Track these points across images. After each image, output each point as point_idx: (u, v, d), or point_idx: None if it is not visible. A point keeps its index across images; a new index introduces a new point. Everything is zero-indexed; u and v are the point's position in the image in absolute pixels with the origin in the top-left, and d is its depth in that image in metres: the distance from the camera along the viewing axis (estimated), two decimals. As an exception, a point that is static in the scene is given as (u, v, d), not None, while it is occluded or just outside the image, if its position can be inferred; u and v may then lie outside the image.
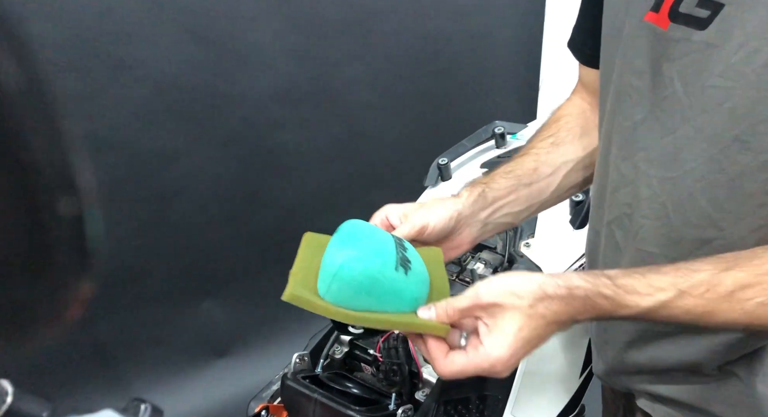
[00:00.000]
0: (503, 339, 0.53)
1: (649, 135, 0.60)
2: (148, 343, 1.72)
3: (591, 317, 0.55)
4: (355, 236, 0.60)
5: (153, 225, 1.63)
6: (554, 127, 0.78)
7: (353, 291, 0.56)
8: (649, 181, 0.60)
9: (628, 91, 0.62)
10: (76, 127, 0.95)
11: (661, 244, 0.61)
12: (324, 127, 1.81)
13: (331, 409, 0.72)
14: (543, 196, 0.75)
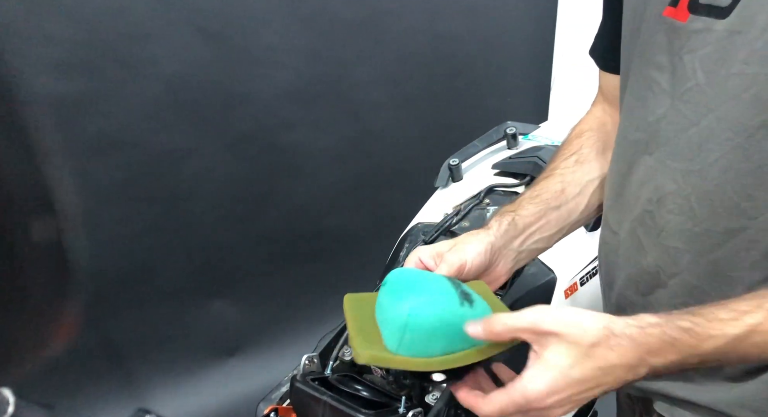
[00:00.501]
0: (545, 373, 0.50)
1: (671, 129, 0.59)
2: (158, 342, 1.72)
3: (669, 360, 0.50)
4: (408, 283, 0.58)
5: (164, 224, 1.63)
6: (576, 144, 0.78)
7: (426, 337, 0.54)
8: (674, 176, 0.59)
9: (650, 87, 0.61)
10: (88, 126, 0.95)
11: (687, 239, 0.60)
12: (335, 126, 1.80)
13: (341, 412, 0.71)
14: (573, 217, 0.74)
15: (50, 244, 0.22)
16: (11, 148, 0.19)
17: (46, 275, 0.23)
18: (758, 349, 0.51)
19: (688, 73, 0.57)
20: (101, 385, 1.65)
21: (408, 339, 0.54)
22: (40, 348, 0.25)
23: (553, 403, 0.50)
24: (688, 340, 0.50)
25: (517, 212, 0.71)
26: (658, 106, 0.60)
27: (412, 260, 0.68)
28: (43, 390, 1.56)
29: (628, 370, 0.50)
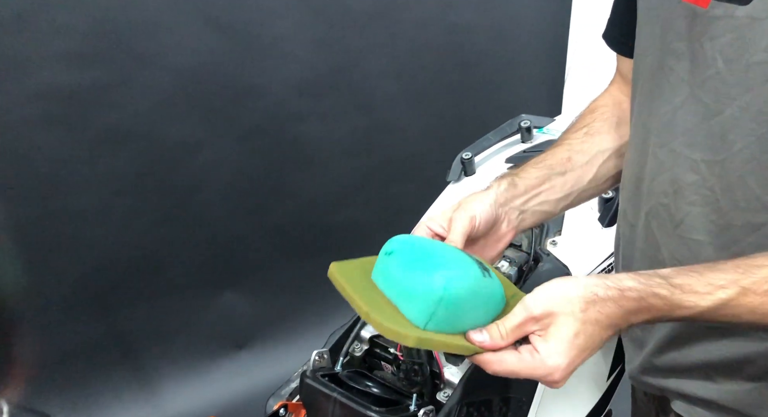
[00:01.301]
0: (560, 346, 0.52)
1: (690, 118, 0.57)
2: (169, 334, 1.73)
3: (646, 319, 0.53)
4: (424, 253, 0.56)
5: (175, 216, 1.63)
6: (588, 118, 0.77)
7: (461, 311, 0.53)
8: (695, 166, 0.58)
9: (667, 75, 0.59)
10: (99, 118, 0.94)
11: (709, 231, 0.58)
12: (346, 119, 1.79)
13: (351, 409, 0.70)
14: (580, 185, 0.73)
15: None
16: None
17: None
18: (726, 320, 0.53)
19: (708, 61, 0.55)
20: (112, 376, 1.66)
21: (441, 314, 0.52)
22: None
23: (568, 374, 0.53)
24: (663, 307, 0.52)
25: (518, 175, 0.71)
26: (676, 95, 0.59)
27: (421, 231, 0.67)
28: (54, 381, 1.58)
29: (614, 329, 0.53)
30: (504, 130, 1.23)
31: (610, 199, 0.99)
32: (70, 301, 1.55)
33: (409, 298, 0.54)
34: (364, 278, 0.58)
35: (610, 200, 0.99)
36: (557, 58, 2.16)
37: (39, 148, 1.40)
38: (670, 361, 0.67)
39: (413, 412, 0.72)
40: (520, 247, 0.94)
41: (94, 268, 1.56)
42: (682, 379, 0.66)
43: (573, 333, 0.52)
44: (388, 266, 0.57)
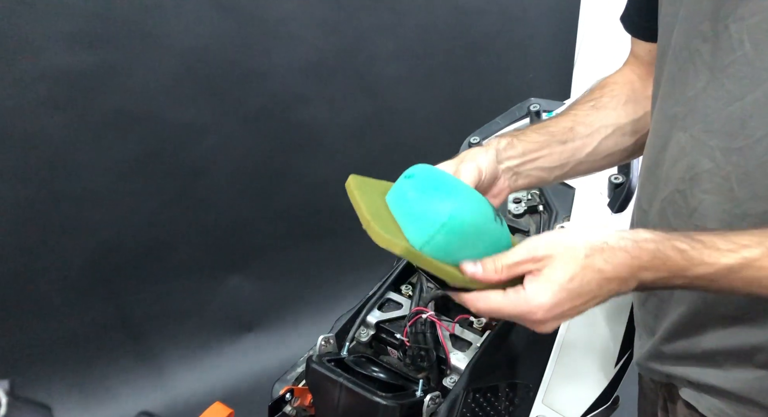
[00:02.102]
0: (548, 286, 0.50)
1: (711, 103, 0.56)
2: (176, 317, 1.74)
3: (658, 277, 0.51)
4: (443, 182, 0.56)
5: (181, 199, 1.63)
6: (597, 93, 0.75)
7: (459, 241, 0.53)
8: (711, 153, 0.56)
9: (692, 57, 0.57)
10: (104, 100, 0.93)
11: (723, 220, 0.57)
12: (352, 102, 1.78)
13: (357, 394, 0.70)
14: (578, 156, 0.72)
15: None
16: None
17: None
18: (745, 284, 0.51)
19: (734, 44, 0.53)
20: (119, 359, 1.67)
21: (440, 240, 0.52)
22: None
23: (552, 316, 0.51)
24: (680, 262, 0.50)
25: (518, 137, 0.70)
26: (698, 78, 0.57)
27: None
28: (62, 363, 1.59)
29: (620, 283, 0.51)
30: (513, 114, 1.21)
31: (620, 185, 0.98)
32: (77, 284, 1.55)
33: (413, 219, 0.53)
34: (378, 196, 0.58)
35: (621, 185, 0.98)
36: (567, 41, 2.13)
37: (44, 131, 1.39)
38: (679, 349, 0.66)
39: (420, 398, 0.72)
40: (527, 233, 0.93)
41: (101, 251, 1.56)
42: (691, 367, 0.65)
43: (568, 276, 0.50)
44: (404, 188, 0.57)
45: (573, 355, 0.87)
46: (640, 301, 0.73)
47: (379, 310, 0.85)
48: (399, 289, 0.88)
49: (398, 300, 0.86)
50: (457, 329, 0.81)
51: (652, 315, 0.69)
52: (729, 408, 0.63)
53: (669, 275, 0.51)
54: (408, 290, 0.87)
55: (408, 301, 0.86)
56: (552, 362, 0.85)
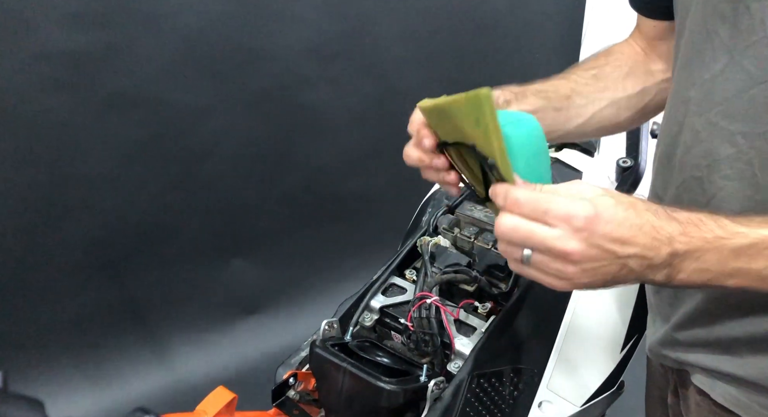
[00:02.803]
0: (593, 200, 0.47)
1: (730, 87, 0.54)
2: (180, 300, 1.74)
3: (695, 246, 0.48)
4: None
5: (184, 183, 1.62)
6: (602, 60, 0.74)
7: (529, 151, 0.54)
8: (732, 138, 0.55)
9: (711, 38, 0.56)
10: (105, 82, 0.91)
11: (744, 207, 0.55)
12: (356, 84, 1.76)
13: (361, 379, 0.70)
14: (568, 126, 0.71)
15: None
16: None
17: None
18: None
19: (755, 24, 0.51)
20: (124, 342, 1.68)
21: (520, 140, 0.53)
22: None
23: (592, 234, 0.46)
24: (715, 229, 0.49)
25: (518, 96, 0.69)
26: (716, 61, 0.55)
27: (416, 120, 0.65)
28: (67, 346, 1.60)
29: (653, 241, 0.47)
30: (519, 96, 1.19)
31: (628, 168, 0.96)
32: (81, 267, 1.56)
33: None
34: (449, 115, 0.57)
35: (629, 169, 0.96)
36: (574, 22, 2.09)
37: (45, 113, 1.38)
38: (693, 336, 0.65)
39: (423, 383, 0.71)
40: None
41: (105, 234, 1.56)
42: (705, 354, 0.65)
43: (613, 202, 0.47)
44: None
45: (578, 340, 0.86)
46: (654, 289, 0.72)
47: (383, 295, 0.84)
48: (403, 274, 0.87)
49: (402, 285, 0.85)
50: (461, 314, 0.80)
51: (667, 303, 0.69)
52: (743, 395, 0.63)
53: (703, 246, 0.48)
54: (412, 275, 0.87)
55: (412, 286, 0.85)
56: (557, 347, 0.84)
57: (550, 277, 0.49)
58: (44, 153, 1.42)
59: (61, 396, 1.59)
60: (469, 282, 0.81)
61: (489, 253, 0.86)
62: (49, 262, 1.51)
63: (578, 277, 0.48)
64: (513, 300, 0.79)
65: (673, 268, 0.49)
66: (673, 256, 0.49)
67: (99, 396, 1.63)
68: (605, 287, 0.50)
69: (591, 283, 0.49)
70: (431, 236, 0.89)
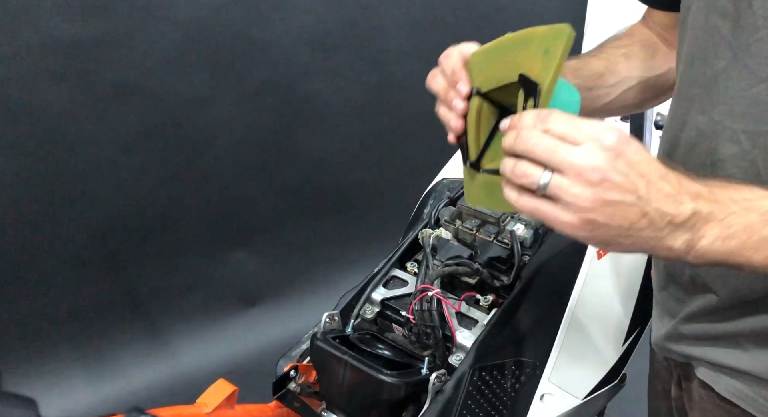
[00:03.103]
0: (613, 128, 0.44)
1: (733, 84, 0.53)
2: (181, 291, 1.74)
3: (715, 198, 0.46)
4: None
5: (184, 174, 1.62)
6: (627, 40, 0.74)
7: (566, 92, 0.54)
8: (735, 137, 0.54)
9: (711, 35, 0.55)
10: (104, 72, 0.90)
11: None
12: (357, 75, 1.74)
13: (362, 371, 0.70)
14: (596, 104, 0.71)
15: None
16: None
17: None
18: None
19: (757, 22, 0.50)
20: (126, 332, 1.68)
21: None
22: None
23: (617, 159, 0.43)
24: (744, 191, 0.46)
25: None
26: (718, 58, 0.54)
27: (453, 59, 0.63)
28: (67, 337, 1.60)
29: (677, 193, 0.45)
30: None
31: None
32: (81, 258, 1.55)
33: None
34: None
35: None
36: (576, 13, 2.07)
37: (44, 103, 1.37)
38: (699, 330, 0.65)
39: (425, 376, 0.71)
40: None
41: (105, 225, 1.55)
42: (711, 347, 0.64)
43: (636, 144, 0.44)
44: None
45: (581, 333, 0.86)
46: (661, 285, 0.71)
47: (384, 288, 0.84)
48: (404, 267, 0.87)
49: (404, 277, 0.85)
50: (463, 307, 0.80)
51: (674, 298, 0.68)
52: (748, 388, 0.62)
53: (729, 208, 0.45)
54: (413, 267, 0.86)
55: (413, 278, 0.84)
56: (559, 340, 0.84)
57: (563, 210, 0.44)
58: (44, 143, 1.41)
59: (61, 387, 1.59)
60: (470, 274, 0.81)
61: (491, 246, 0.85)
62: (49, 252, 1.51)
63: (595, 209, 0.43)
64: (515, 292, 0.79)
65: (695, 231, 0.45)
66: (697, 216, 0.45)
67: (99, 387, 1.63)
68: (617, 246, 0.46)
69: (605, 227, 0.44)
70: (433, 228, 0.88)
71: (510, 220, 0.89)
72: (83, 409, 1.55)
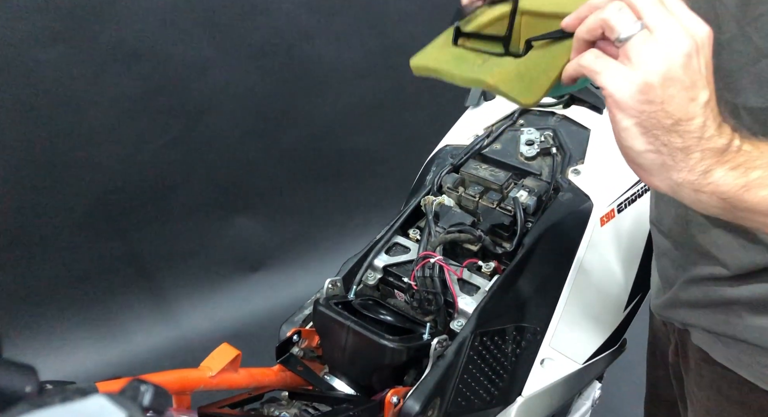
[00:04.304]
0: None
1: (736, 59, 0.52)
2: (183, 256, 1.75)
3: (733, 142, 0.44)
4: None
5: (185, 138, 1.61)
6: None
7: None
8: (735, 112, 0.53)
9: (714, 7, 0.53)
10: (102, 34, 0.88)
11: None
12: (358, 39, 1.71)
13: (364, 337, 0.70)
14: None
15: None
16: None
17: None
18: None
19: None
20: (129, 296, 1.70)
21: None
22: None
23: (700, 46, 0.42)
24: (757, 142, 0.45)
25: None
26: (722, 31, 0.52)
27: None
28: (72, 299, 1.61)
29: (719, 114, 0.44)
30: (527, 52, 1.16)
31: (637, 126, 0.94)
32: (83, 222, 1.56)
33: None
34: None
35: (638, 127, 0.94)
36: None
37: (43, 65, 1.35)
38: (697, 297, 0.65)
39: (427, 341, 0.72)
40: (540, 176, 0.91)
41: (106, 190, 1.55)
42: (708, 315, 0.65)
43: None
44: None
45: (582, 299, 0.86)
46: (660, 252, 0.71)
47: (386, 254, 0.84)
48: (407, 234, 0.87)
49: (406, 244, 0.85)
50: (465, 274, 0.80)
51: (675, 265, 0.68)
52: (743, 355, 0.63)
53: (763, 146, 0.44)
54: (416, 234, 0.86)
55: (416, 245, 0.84)
56: (560, 306, 0.84)
57: (629, 67, 0.42)
58: (43, 106, 1.39)
59: (64, 351, 1.62)
60: (473, 241, 0.81)
61: (493, 213, 0.85)
62: (52, 217, 1.51)
63: (665, 77, 0.41)
64: (517, 259, 0.79)
65: (722, 157, 0.43)
66: (732, 145, 0.44)
67: (103, 351, 1.65)
68: (647, 145, 0.43)
69: (657, 106, 0.42)
70: (435, 195, 0.88)
71: (513, 187, 0.88)
72: (87, 373, 1.58)
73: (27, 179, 1.45)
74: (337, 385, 0.74)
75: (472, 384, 0.73)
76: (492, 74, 0.52)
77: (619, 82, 0.42)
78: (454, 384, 0.71)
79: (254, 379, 0.70)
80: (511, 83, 0.51)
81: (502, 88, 0.51)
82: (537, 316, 0.83)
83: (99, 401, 0.23)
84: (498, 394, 0.77)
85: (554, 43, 0.51)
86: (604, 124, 0.98)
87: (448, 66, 0.56)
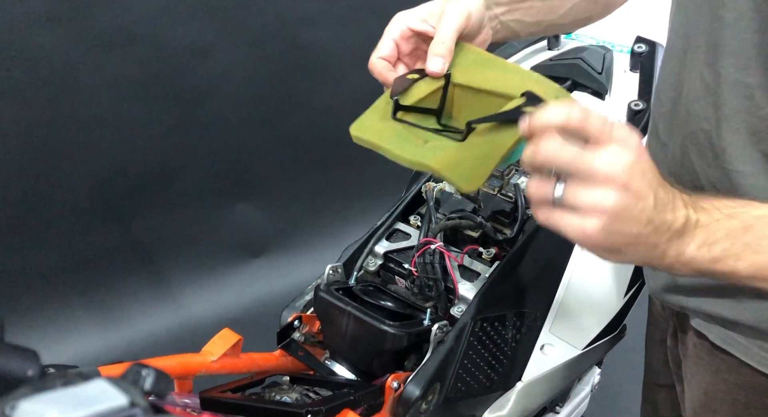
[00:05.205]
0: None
1: (747, 36, 0.51)
2: (185, 242, 1.75)
3: (704, 216, 0.46)
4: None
5: (185, 124, 1.60)
6: None
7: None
8: (747, 92, 0.52)
9: None
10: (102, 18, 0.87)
11: (756, 162, 0.54)
12: (360, 23, 1.70)
13: (365, 322, 0.70)
14: (552, 16, 0.70)
15: None
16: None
17: None
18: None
19: None
20: (130, 282, 1.70)
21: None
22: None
23: (640, 173, 0.42)
24: (720, 198, 0.46)
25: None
26: (728, 8, 0.52)
27: (394, 30, 0.64)
28: (74, 286, 1.62)
29: (669, 196, 0.44)
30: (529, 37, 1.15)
31: (640, 112, 0.94)
32: (84, 208, 1.56)
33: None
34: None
35: (640, 112, 0.94)
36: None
37: (40, 50, 1.34)
38: (694, 281, 0.65)
39: (427, 327, 0.72)
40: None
41: (107, 175, 1.55)
42: (705, 298, 0.65)
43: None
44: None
45: (582, 284, 0.87)
46: None
47: (387, 241, 0.84)
48: (407, 220, 0.87)
49: (407, 230, 0.85)
50: (465, 260, 0.80)
51: None
52: (741, 337, 0.63)
53: (710, 217, 0.45)
54: (416, 221, 0.86)
55: (416, 231, 0.84)
56: (561, 291, 0.85)
57: (581, 217, 0.42)
58: (41, 92, 1.39)
59: (66, 336, 1.63)
60: (473, 228, 0.81)
61: (494, 199, 0.85)
62: (53, 202, 1.51)
63: (615, 214, 0.42)
64: (517, 246, 0.79)
65: (685, 237, 0.45)
66: (689, 222, 0.45)
67: (105, 336, 1.66)
68: (621, 255, 0.45)
69: (618, 234, 0.43)
70: (436, 182, 0.88)
71: (514, 173, 0.88)
72: (89, 358, 1.59)
73: (27, 165, 1.44)
74: (337, 370, 0.74)
75: (472, 369, 0.74)
76: (435, 158, 0.54)
77: (583, 230, 0.43)
78: (454, 369, 0.71)
79: (255, 364, 0.71)
80: (452, 168, 0.53)
81: (444, 174, 0.53)
82: (537, 302, 0.83)
83: (101, 385, 0.23)
84: (498, 379, 0.78)
85: (495, 127, 0.52)
86: (606, 109, 0.97)
87: (390, 145, 0.57)
